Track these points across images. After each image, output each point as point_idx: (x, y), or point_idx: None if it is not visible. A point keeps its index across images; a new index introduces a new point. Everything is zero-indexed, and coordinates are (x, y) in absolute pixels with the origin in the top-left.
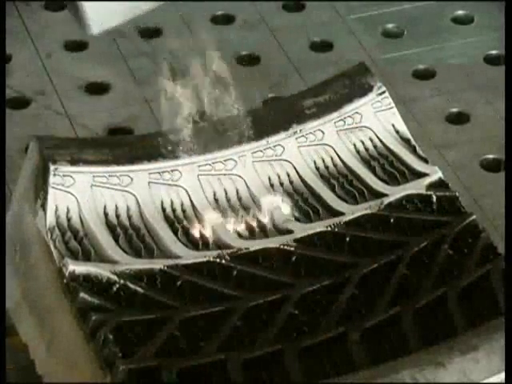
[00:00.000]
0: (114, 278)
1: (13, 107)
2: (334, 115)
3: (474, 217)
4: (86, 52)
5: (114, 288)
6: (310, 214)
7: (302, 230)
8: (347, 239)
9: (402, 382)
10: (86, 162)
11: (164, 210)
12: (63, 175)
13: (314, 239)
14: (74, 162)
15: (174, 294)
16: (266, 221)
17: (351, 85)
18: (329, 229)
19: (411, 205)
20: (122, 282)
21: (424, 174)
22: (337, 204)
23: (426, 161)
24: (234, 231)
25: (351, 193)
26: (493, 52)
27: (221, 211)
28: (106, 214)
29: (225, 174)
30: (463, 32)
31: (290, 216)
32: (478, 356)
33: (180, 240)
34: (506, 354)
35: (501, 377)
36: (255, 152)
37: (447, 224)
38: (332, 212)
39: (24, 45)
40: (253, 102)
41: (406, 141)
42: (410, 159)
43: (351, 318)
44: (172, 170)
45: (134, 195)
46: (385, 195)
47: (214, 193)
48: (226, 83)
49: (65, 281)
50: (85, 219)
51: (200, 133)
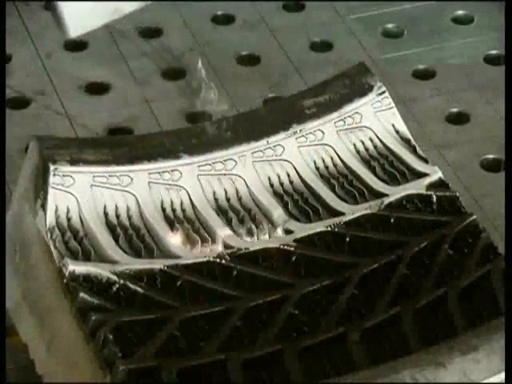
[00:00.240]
0: (114, 278)
1: (13, 107)
2: (334, 115)
3: (474, 217)
4: (85, 52)
5: (114, 288)
6: (309, 214)
7: (302, 229)
8: (347, 239)
9: (402, 382)
10: (86, 162)
11: (164, 209)
12: (63, 175)
13: (314, 239)
14: (73, 161)
15: (173, 294)
16: (266, 221)
17: (351, 85)
18: (329, 229)
19: (411, 205)
20: (122, 282)
21: (424, 174)
22: (337, 204)
23: (426, 161)
24: (234, 231)
25: (351, 193)
26: (493, 52)
27: (221, 211)
28: (106, 214)
29: (225, 174)
30: (463, 32)
31: (289, 216)
32: (478, 356)
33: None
34: (506, 354)
35: (501, 377)
36: (255, 152)
37: (447, 224)
38: (332, 212)
39: (24, 45)
40: (253, 101)
41: (406, 141)
42: (410, 159)
43: (351, 318)
44: (172, 170)
45: (134, 195)
46: (385, 195)
47: (214, 193)
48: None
49: (65, 281)
50: (85, 219)
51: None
